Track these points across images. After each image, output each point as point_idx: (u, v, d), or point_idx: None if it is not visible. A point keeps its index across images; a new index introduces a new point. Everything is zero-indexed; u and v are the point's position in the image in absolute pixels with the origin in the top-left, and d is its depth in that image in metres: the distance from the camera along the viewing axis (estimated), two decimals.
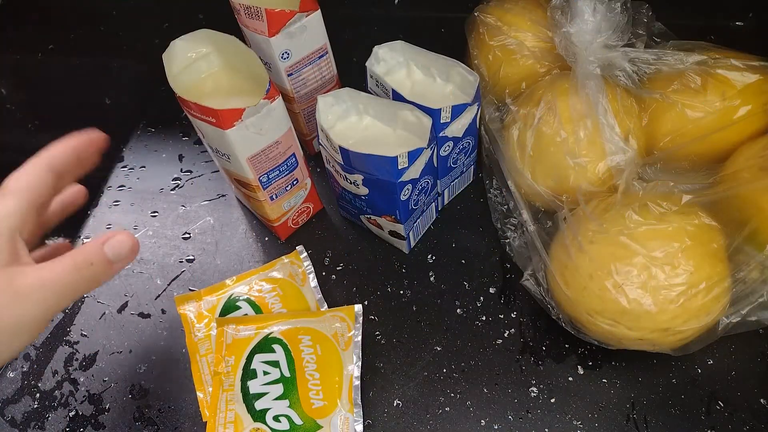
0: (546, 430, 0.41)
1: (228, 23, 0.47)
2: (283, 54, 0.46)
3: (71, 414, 0.45)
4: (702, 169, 0.44)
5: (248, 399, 0.41)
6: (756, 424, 0.40)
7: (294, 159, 0.46)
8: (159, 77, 0.42)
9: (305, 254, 0.50)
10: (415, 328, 0.47)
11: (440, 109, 0.43)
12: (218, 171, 0.58)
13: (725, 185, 0.41)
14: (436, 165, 0.47)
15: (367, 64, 0.47)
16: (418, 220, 0.49)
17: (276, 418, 0.40)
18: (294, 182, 0.48)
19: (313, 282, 0.48)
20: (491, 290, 0.48)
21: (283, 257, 0.50)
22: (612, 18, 0.44)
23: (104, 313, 0.50)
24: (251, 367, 0.43)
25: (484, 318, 0.47)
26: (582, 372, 0.43)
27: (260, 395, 0.41)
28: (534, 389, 0.43)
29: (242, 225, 0.54)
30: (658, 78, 0.46)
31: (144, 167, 0.60)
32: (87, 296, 0.51)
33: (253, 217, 0.55)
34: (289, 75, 0.48)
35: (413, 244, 0.51)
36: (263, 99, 0.40)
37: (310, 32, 0.47)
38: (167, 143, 0.62)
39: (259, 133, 0.42)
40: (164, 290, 0.51)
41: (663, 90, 0.45)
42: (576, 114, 0.45)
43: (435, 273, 0.49)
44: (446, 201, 0.54)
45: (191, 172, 0.59)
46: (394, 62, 0.49)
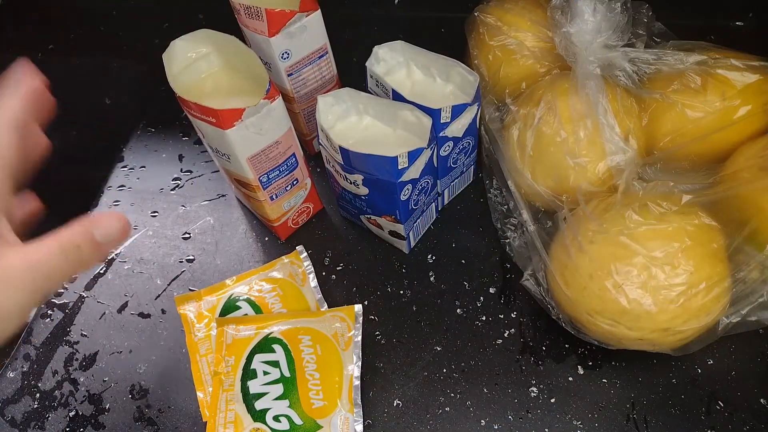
0: (546, 430, 0.41)
1: (228, 23, 0.47)
2: (283, 54, 0.46)
3: (71, 414, 0.45)
4: (702, 169, 0.44)
5: (248, 399, 0.41)
6: (756, 424, 0.40)
7: (294, 159, 0.46)
8: (159, 77, 0.42)
9: (305, 254, 0.50)
10: (415, 328, 0.47)
11: (440, 109, 0.43)
12: (218, 171, 0.58)
13: (725, 185, 0.41)
14: (436, 165, 0.47)
15: (367, 64, 0.47)
16: (418, 220, 0.49)
17: (276, 418, 0.40)
18: (294, 182, 0.48)
19: (313, 282, 0.48)
20: (491, 290, 0.48)
21: (283, 257, 0.50)
22: (612, 18, 0.44)
23: (104, 313, 0.50)
24: (251, 367, 0.43)
25: (484, 318, 0.47)
26: (582, 372, 0.43)
27: (260, 395, 0.41)
28: (534, 389, 0.43)
29: (242, 225, 0.54)
30: (658, 78, 0.46)
31: (144, 167, 0.60)
32: (87, 296, 0.51)
33: (253, 217, 0.55)
34: (289, 75, 0.48)
35: (413, 244, 0.51)
36: (263, 99, 0.40)
37: (310, 32, 0.47)
38: (167, 143, 0.62)
39: (259, 133, 0.42)
40: (164, 290, 0.51)
41: (663, 90, 0.45)
42: (576, 114, 0.45)
43: (435, 273, 0.49)
44: (446, 201, 0.54)
45: (191, 172, 0.59)
46: (394, 62, 0.49)
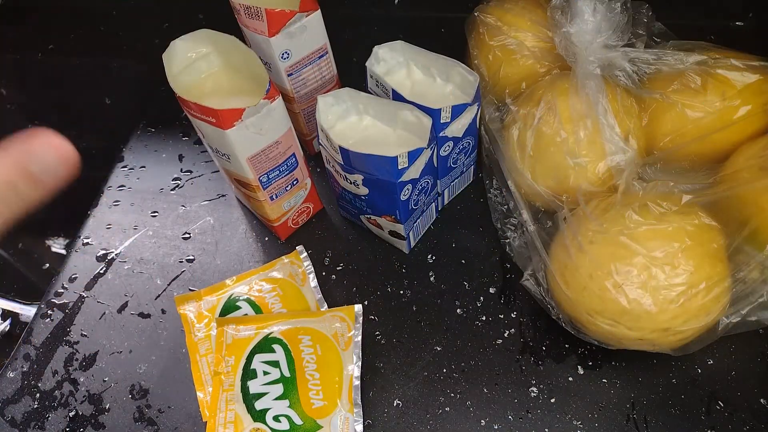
0: (546, 430, 0.41)
1: (228, 23, 0.47)
2: (283, 54, 0.46)
3: (71, 414, 0.45)
4: (702, 169, 0.44)
5: (248, 399, 0.41)
6: (756, 424, 0.40)
7: (294, 159, 0.46)
8: (159, 77, 0.42)
9: (305, 254, 0.50)
10: (415, 328, 0.47)
11: (440, 109, 0.43)
12: (218, 171, 0.58)
13: (725, 185, 0.41)
14: (436, 165, 0.47)
15: (367, 64, 0.47)
16: (418, 220, 0.49)
17: (276, 418, 0.40)
18: (294, 182, 0.48)
19: (313, 282, 0.48)
20: (491, 290, 0.48)
21: (283, 257, 0.50)
22: (612, 18, 0.44)
23: (104, 313, 0.50)
24: (251, 367, 0.43)
25: (484, 318, 0.47)
26: (582, 372, 0.43)
27: (260, 395, 0.41)
28: (534, 389, 0.43)
29: (242, 225, 0.54)
30: (658, 78, 0.46)
31: (144, 167, 0.60)
32: (87, 296, 0.51)
33: (253, 217, 0.55)
34: (289, 75, 0.48)
35: (413, 244, 0.51)
36: (263, 99, 0.40)
37: (310, 32, 0.47)
38: (167, 143, 0.61)
39: (259, 133, 0.42)
40: (164, 290, 0.51)
41: (663, 90, 0.45)
42: (576, 114, 0.45)
43: (435, 273, 0.49)
44: (446, 201, 0.54)
45: (191, 172, 0.59)
46: (394, 62, 0.49)
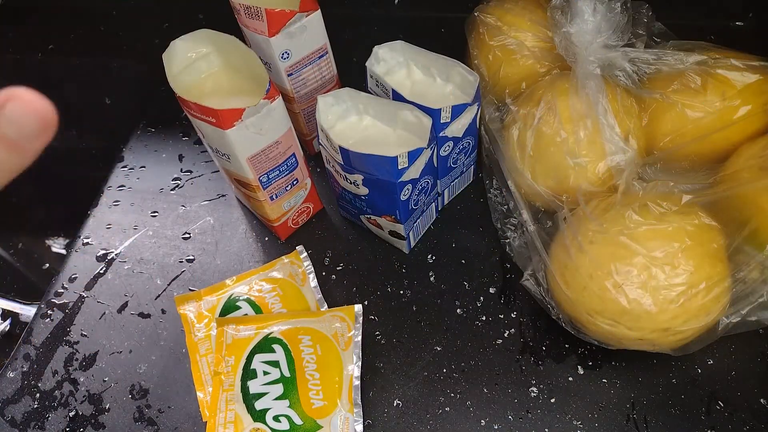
0: (546, 430, 0.41)
1: (228, 23, 0.47)
2: (283, 54, 0.46)
3: (71, 414, 0.45)
4: (702, 169, 0.44)
5: (248, 399, 0.41)
6: (756, 424, 0.40)
7: (294, 159, 0.46)
8: (159, 77, 0.42)
9: (305, 254, 0.50)
10: (415, 328, 0.47)
11: (440, 109, 0.43)
12: (218, 171, 0.58)
13: (725, 185, 0.41)
14: (436, 165, 0.47)
15: (367, 64, 0.47)
16: (418, 220, 0.49)
17: (276, 418, 0.40)
18: (294, 182, 0.48)
19: (313, 282, 0.48)
20: (491, 290, 0.48)
21: (283, 257, 0.50)
22: (612, 18, 0.44)
23: (104, 313, 0.50)
24: (251, 367, 0.43)
25: (484, 318, 0.47)
26: (582, 372, 0.43)
27: (260, 395, 0.41)
28: (534, 389, 0.43)
29: (242, 225, 0.54)
30: (658, 78, 0.46)
31: (144, 167, 0.60)
32: (87, 296, 0.51)
33: (253, 217, 0.55)
34: (289, 75, 0.48)
35: (413, 244, 0.51)
36: (263, 99, 0.40)
37: (310, 32, 0.47)
38: (167, 143, 0.61)
39: (259, 133, 0.42)
40: (164, 290, 0.51)
41: (663, 90, 0.45)
42: (576, 114, 0.45)
43: (435, 273, 0.49)
44: (446, 201, 0.54)
45: (191, 172, 0.59)
46: (394, 62, 0.49)
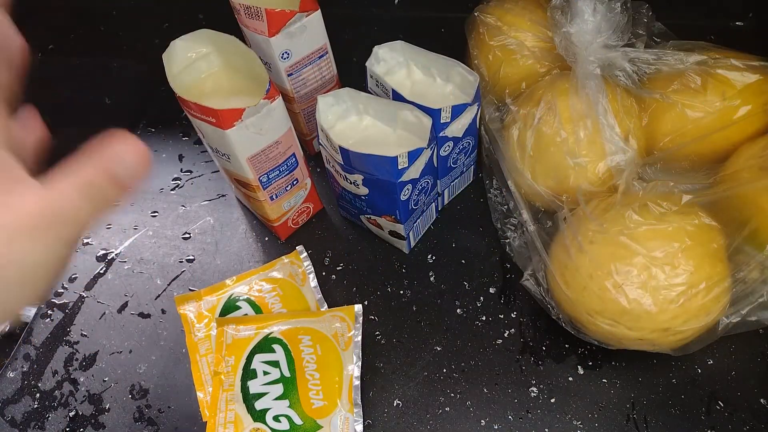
0: (546, 430, 0.41)
1: (228, 23, 0.47)
2: (283, 54, 0.46)
3: (71, 414, 0.45)
4: (702, 169, 0.44)
5: (248, 399, 0.41)
6: (756, 424, 0.40)
7: (294, 159, 0.46)
8: (159, 77, 0.42)
9: (305, 254, 0.50)
10: (415, 328, 0.47)
11: (440, 109, 0.43)
12: (218, 171, 0.58)
13: (725, 185, 0.41)
14: (436, 165, 0.47)
15: (367, 64, 0.47)
16: (418, 220, 0.49)
17: (276, 418, 0.40)
18: (294, 182, 0.48)
19: (313, 282, 0.48)
20: (491, 290, 0.48)
21: (283, 257, 0.50)
22: (612, 18, 0.44)
23: (104, 313, 0.50)
24: (251, 367, 0.43)
25: (484, 318, 0.47)
26: (582, 372, 0.43)
27: (260, 395, 0.41)
28: (534, 389, 0.43)
29: (242, 225, 0.54)
30: (658, 78, 0.46)
31: None
32: (87, 296, 0.51)
33: (253, 217, 0.55)
34: (289, 75, 0.48)
35: (413, 244, 0.51)
36: (263, 99, 0.40)
37: (310, 32, 0.47)
38: (167, 143, 0.61)
39: (259, 133, 0.42)
40: (164, 290, 0.51)
41: (663, 90, 0.45)
42: (576, 114, 0.45)
43: (435, 273, 0.49)
44: (446, 201, 0.54)
45: (191, 172, 0.59)
46: (394, 62, 0.49)
